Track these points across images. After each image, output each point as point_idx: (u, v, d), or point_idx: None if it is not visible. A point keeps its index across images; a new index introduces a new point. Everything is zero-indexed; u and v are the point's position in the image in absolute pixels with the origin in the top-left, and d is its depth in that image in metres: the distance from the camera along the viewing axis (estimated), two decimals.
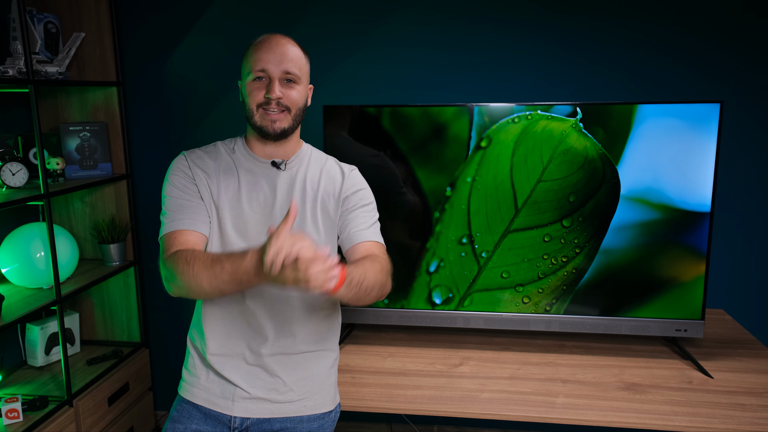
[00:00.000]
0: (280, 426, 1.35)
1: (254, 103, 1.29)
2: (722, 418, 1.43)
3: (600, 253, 1.74)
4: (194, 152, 1.37)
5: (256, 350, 1.34)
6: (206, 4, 2.21)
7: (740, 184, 2.06)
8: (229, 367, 1.35)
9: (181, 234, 1.27)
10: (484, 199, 1.77)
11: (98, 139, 2.18)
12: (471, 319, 1.83)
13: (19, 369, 2.14)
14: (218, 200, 1.32)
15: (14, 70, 1.79)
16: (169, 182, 1.33)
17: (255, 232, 1.32)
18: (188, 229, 1.28)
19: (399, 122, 1.77)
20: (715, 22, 1.98)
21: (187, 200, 1.31)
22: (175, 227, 1.28)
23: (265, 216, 1.32)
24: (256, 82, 1.29)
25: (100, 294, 2.36)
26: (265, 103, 1.28)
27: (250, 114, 1.31)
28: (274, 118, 1.29)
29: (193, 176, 1.33)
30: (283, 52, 1.28)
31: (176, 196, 1.31)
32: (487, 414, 1.48)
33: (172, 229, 1.28)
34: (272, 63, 1.27)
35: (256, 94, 1.29)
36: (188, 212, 1.29)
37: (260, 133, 1.32)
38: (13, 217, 2.14)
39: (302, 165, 1.38)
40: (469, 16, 2.08)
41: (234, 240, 1.32)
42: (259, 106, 1.29)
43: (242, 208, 1.32)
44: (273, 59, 1.27)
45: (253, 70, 1.28)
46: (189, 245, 1.26)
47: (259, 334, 1.34)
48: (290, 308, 1.35)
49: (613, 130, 1.68)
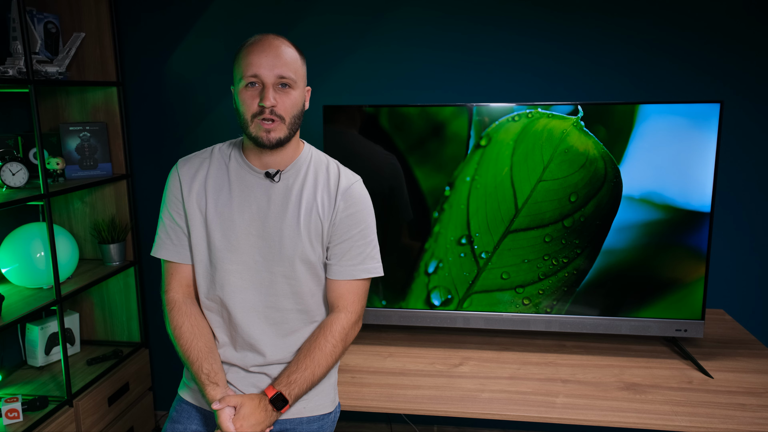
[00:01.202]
0: (280, 427, 1.35)
1: (248, 113, 1.23)
2: (722, 418, 1.43)
3: (601, 253, 1.74)
4: (188, 162, 1.35)
5: (255, 361, 1.34)
6: (206, 4, 2.21)
7: (740, 184, 2.06)
8: (229, 375, 1.35)
9: (175, 269, 1.37)
10: (483, 199, 1.76)
11: (98, 139, 2.18)
12: (471, 319, 1.82)
13: (19, 369, 2.14)
14: (207, 212, 1.30)
15: (14, 70, 1.79)
16: (163, 200, 1.37)
17: (246, 246, 1.30)
18: (178, 262, 1.36)
19: (398, 122, 1.76)
20: (715, 22, 1.98)
21: (175, 228, 1.35)
22: (167, 256, 1.36)
23: (257, 228, 1.30)
24: (249, 89, 1.22)
25: (100, 294, 2.36)
26: (259, 112, 1.22)
27: (244, 124, 1.25)
28: (269, 127, 1.23)
29: (182, 196, 1.33)
30: (277, 55, 1.21)
31: (167, 220, 1.36)
32: (487, 414, 1.48)
33: (164, 256, 1.37)
34: (265, 67, 1.20)
35: (249, 102, 1.22)
36: (176, 240, 1.36)
37: (256, 143, 1.26)
38: (13, 217, 2.14)
39: (299, 175, 1.32)
40: (469, 16, 2.08)
41: (223, 254, 1.30)
42: (254, 117, 1.23)
43: (233, 219, 1.29)
44: (266, 63, 1.20)
45: (245, 75, 1.21)
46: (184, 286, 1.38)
47: (258, 344, 1.34)
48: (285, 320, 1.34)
49: (613, 129, 1.68)
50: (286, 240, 1.29)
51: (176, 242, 1.36)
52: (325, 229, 1.32)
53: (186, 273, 1.37)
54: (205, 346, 1.32)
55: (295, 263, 1.31)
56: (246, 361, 1.34)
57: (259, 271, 1.31)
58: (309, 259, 1.32)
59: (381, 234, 1.50)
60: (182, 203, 1.33)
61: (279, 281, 1.32)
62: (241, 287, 1.31)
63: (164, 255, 1.36)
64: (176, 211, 1.34)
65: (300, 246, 1.30)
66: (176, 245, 1.36)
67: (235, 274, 1.31)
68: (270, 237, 1.29)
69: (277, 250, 1.30)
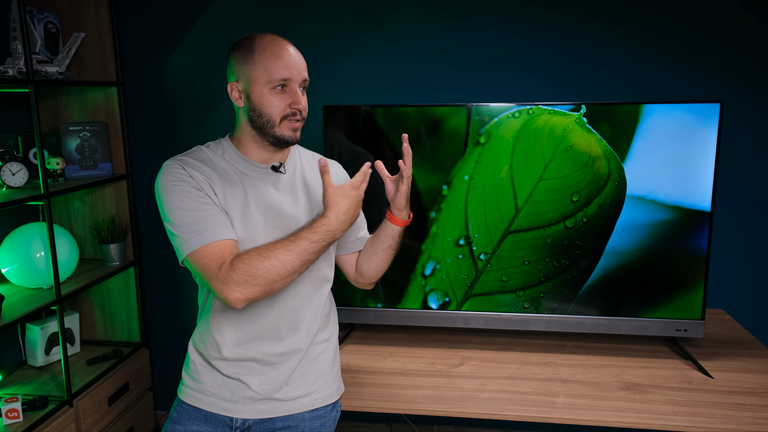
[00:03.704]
0: (282, 425, 1.35)
1: (278, 114, 1.25)
2: (722, 418, 1.43)
3: (604, 254, 1.72)
4: (184, 160, 1.27)
5: (270, 351, 1.34)
6: (206, 4, 2.21)
7: (740, 184, 2.06)
8: (241, 371, 1.34)
9: (224, 245, 1.21)
10: (482, 199, 1.74)
11: (98, 139, 2.18)
12: (471, 319, 1.82)
13: (19, 369, 2.14)
14: (226, 207, 1.28)
15: (14, 70, 1.79)
16: (174, 192, 1.23)
17: (265, 237, 1.29)
18: (224, 239, 1.21)
19: (398, 121, 1.75)
20: (715, 22, 1.98)
21: (206, 209, 1.23)
22: (210, 239, 1.20)
23: (274, 219, 1.30)
24: (278, 92, 1.25)
25: (100, 294, 2.36)
26: (291, 114, 1.26)
27: (269, 124, 1.26)
28: (296, 126, 1.28)
29: (198, 184, 1.24)
30: (298, 59, 1.27)
31: (192, 208, 1.22)
32: (487, 414, 1.48)
33: (207, 242, 1.20)
34: (295, 71, 1.25)
35: (279, 104, 1.25)
36: (214, 222, 1.22)
37: (277, 143, 1.28)
38: (13, 217, 2.14)
39: (297, 164, 1.38)
40: (469, 16, 2.08)
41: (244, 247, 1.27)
42: (283, 118, 1.26)
43: (251, 213, 1.29)
44: (294, 67, 1.25)
45: (275, 78, 1.23)
46: (236, 253, 1.21)
47: (273, 334, 1.34)
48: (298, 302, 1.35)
49: (617, 127, 1.66)
50: None
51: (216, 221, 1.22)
52: None
53: (235, 246, 1.23)
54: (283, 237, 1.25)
55: None
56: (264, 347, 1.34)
57: None
58: None
59: None
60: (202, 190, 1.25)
61: None
62: None
63: (210, 238, 1.19)
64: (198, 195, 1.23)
65: None
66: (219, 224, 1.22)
67: None
68: (287, 226, 1.31)
69: None
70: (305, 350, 1.37)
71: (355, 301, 1.86)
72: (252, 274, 1.17)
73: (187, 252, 1.20)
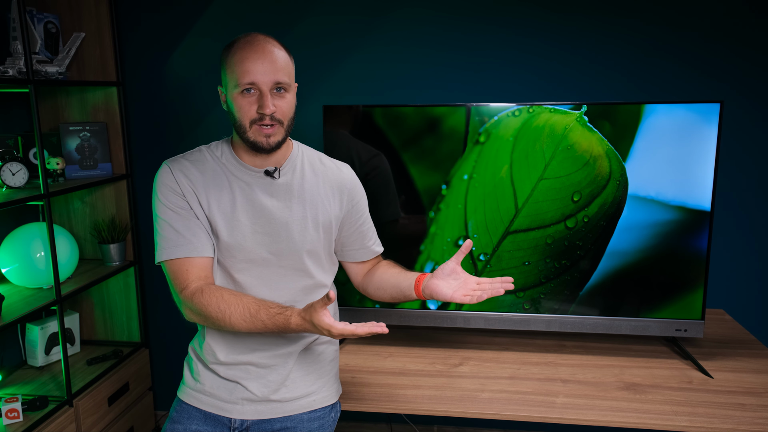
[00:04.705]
0: (281, 426, 1.35)
1: (246, 119, 1.22)
2: (722, 418, 1.43)
3: (605, 255, 1.71)
4: (179, 162, 1.29)
5: (266, 355, 1.34)
6: (206, 5, 2.21)
7: (740, 184, 2.06)
8: (239, 374, 1.34)
9: (191, 263, 1.24)
10: (482, 198, 1.73)
11: (98, 139, 2.18)
12: (471, 319, 1.82)
13: (19, 369, 2.14)
14: (210, 213, 1.27)
15: (14, 70, 1.79)
16: (159, 200, 1.27)
17: (253, 244, 1.29)
18: (195, 256, 1.24)
19: (398, 121, 1.75)
20: (715, 22, 1.98)
21: (183, 222, 1.25)
22: (180, 254, 1.24)
23: (264, 226, 1.29)
24: (246, 96, 1.21)
25: (100, 294, 2.35)
26: (258, 119, 1.21)
27: (241, 129, 1.24)
28: (269, 132, 1.22)
29: (182, 191, 1.26)
30: (272, 60, 1.20)
31: (170, 219, 1.25)
32: (487, 414, 1.48)
33: (176, 256, 1.24)
34: (261, 74, 1.19)
35: (247, 109, 1.21)
36: (188, 235, 1.25)
37: (254, 148, 1.25)
38: (13, 217, 2.14)
39: (296, 170, 1.33)
40: (469, 16, 2.08)
41: (231, 253, 1.29)
42: (252, 122, 1.22)
43: (238, 219, 1.28)
44: (262, 69, 1.19)
45: (240, 82, 1.19)
46: (203, 277, 1.25)
47: (268, 341, 1.34)
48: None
49: (618, 126, 1.65)
50: (294, 234, 1.30)
51: (188, 236, 1.25)
52: (333, 220, 1.36)
53: (204, 265, 1.26)
54: (254, 298, 1.23)
55: (303, 256, 1.32)
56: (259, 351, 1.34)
57: (268, 266, 1.32)
58: (317, 251, 1.35)
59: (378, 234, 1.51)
60: (184, 199, 1.27)
61: (289, 275, 1.33)
62: (251, 285, 1.31)
63: (178, 253, 1.24)
64: (179, 205, 1.27)
65: (309, 238, 1.32)
66: (189, 239, 1.25)
67: (244, 272, 1.31)
68: (277, 233, 1.30)
69: (285, 245, 1.31)
70: (304, 351, 1.38)
71: (354, 302, 1.86)
72: (204, 315, 1.23)
73: (159, 260, 1.27)
